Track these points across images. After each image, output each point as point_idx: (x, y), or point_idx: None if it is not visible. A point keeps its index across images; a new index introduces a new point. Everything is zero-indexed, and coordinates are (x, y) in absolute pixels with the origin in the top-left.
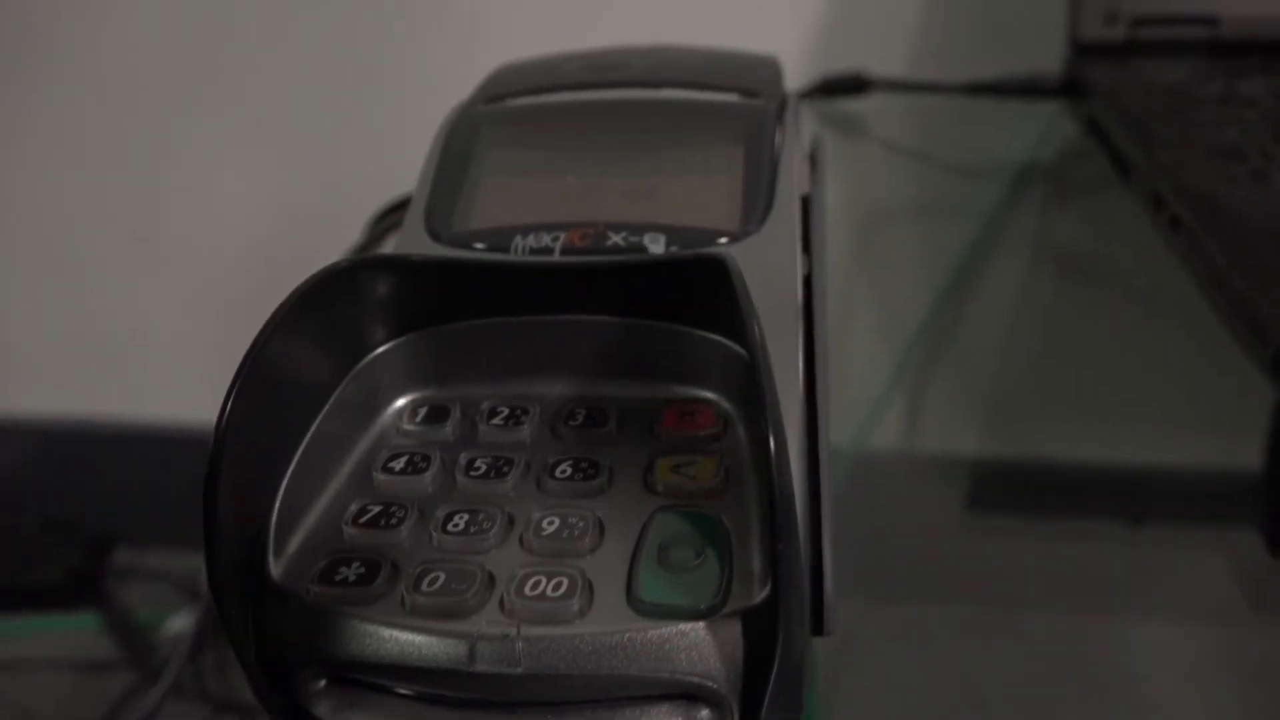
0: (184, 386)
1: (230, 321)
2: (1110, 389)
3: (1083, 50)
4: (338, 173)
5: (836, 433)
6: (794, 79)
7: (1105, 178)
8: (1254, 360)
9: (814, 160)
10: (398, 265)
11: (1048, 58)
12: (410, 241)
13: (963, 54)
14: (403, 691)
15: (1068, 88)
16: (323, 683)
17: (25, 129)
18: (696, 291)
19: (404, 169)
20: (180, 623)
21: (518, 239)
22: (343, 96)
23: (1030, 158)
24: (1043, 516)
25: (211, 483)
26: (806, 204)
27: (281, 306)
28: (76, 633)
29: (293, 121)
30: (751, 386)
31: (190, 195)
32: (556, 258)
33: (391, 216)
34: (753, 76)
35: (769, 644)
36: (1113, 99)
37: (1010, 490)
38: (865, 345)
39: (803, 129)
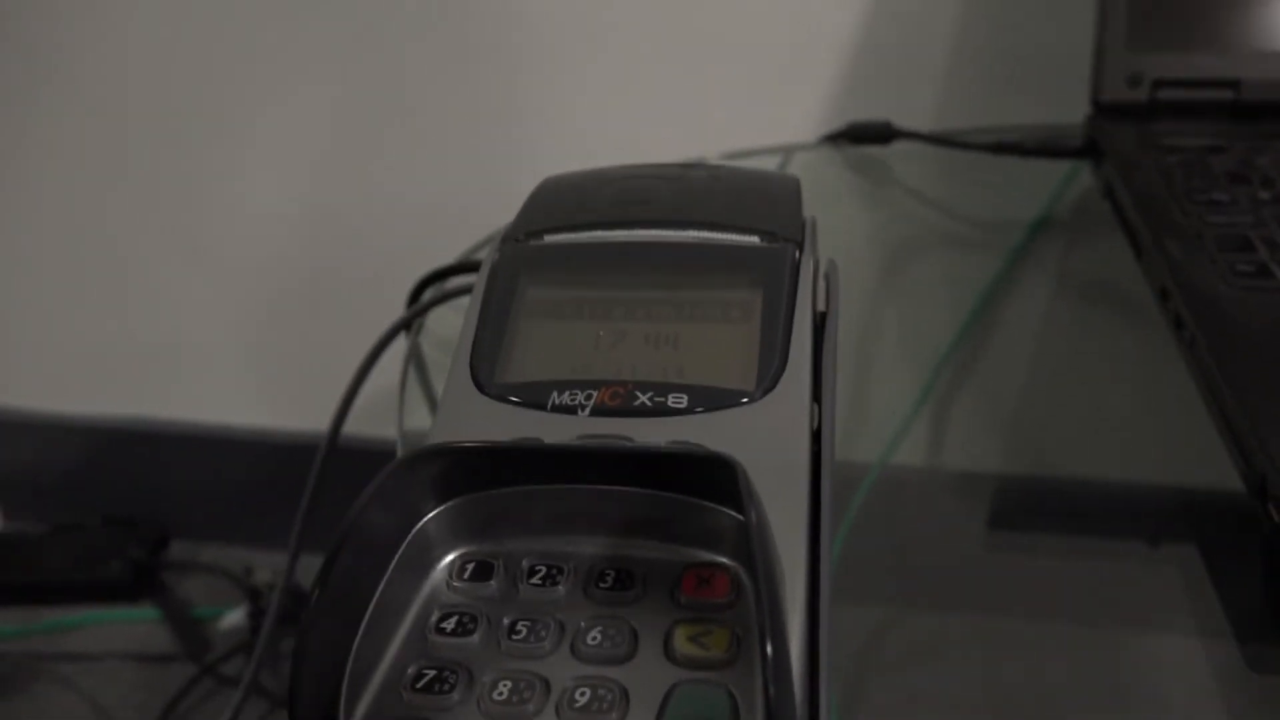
0: (232, 392)
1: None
2: (1129, 412)
3: (1104, 111)
4: (372, 190)
5: (864, 451)
6: (824, 124)
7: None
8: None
9: (828, 291)
10: (453, 452)
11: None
12: (457, 389)
13: (989, 103)
14: None
15: (1089, 149)
16: None
17: (78, 147)
18: (711, 475)
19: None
20: (235, 618)
21: (553, 394)
22: (377, 117)
23: (1050, 210)
24: (1062, 534)
25: (299, 660)
26: (821, 326)
27: (371, 488)
28: (137, 624)
29: (331, 141)
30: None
31: (237, 210)
32: (586, 440)
33: (427, 290)
34: (772, 212)
35: None
36: (1128, 171)
37: (1031, 508)
38: (892, 368)
39: (818, 253)
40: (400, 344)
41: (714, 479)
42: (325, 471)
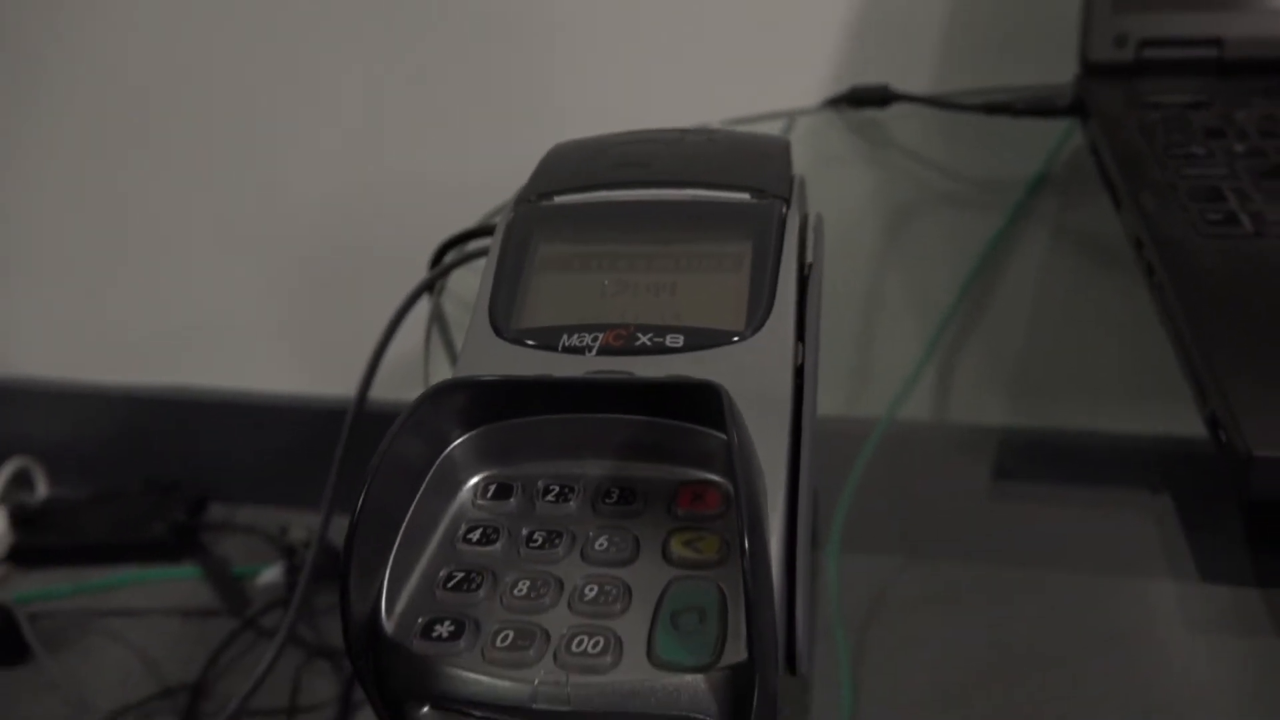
0: (267, 361)
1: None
2: (1131, 364)
3: (1092, 70)
4: (398, 166)
5: (871, 407)
6: (825, 89)
7: None
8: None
9: (814, 242)
10: (474, 385)
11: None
12: (477, 335)
13: (985, 68)
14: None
15: (1077, 107)
16: (425, 709)
17: (120, 130)
18: (702, 402)
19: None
20: (271, 574)
21: (563, 337)
22: (401, 97)
23: (1047, 167)
24: (1064, 484)
25: (346, 562)
26: (807, 275)
27: (399, 421)
28: (179, 582)
29: (363, 125)
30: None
31: (269, 189)
32: (591, 375)
33: (449, 253)
34: (763, 171)
35: (750, 689)
36: (1110, 128)
37: (1034, 459)
38: (897, 325)
39: (808, 208)
40: (424, 311)
41: (703, 405)
42: (355, 432)
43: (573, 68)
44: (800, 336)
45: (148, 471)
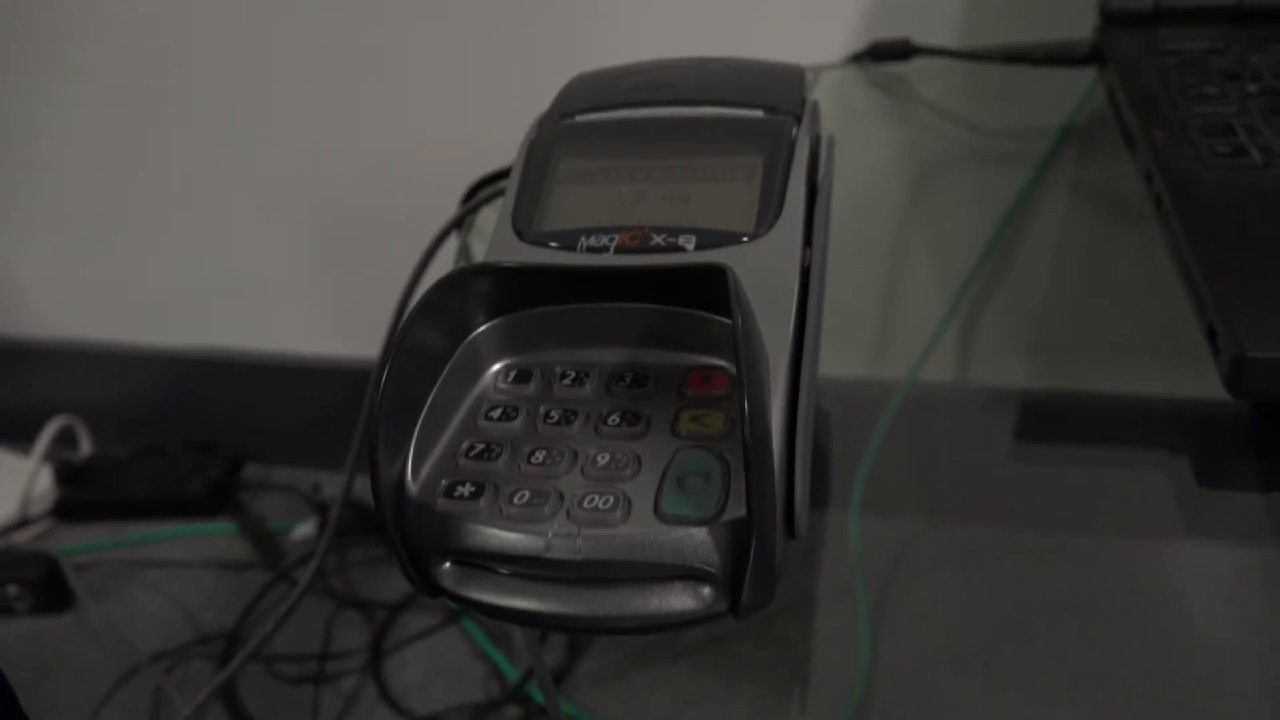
0: (301, 322)
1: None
2: (1153, 325)
3: (1111, 19)
4: (432, 136)
5: (893, 368)
6: (846, 45)
7: None
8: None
9: (825, 159)
10: (495, 270)
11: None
12: (501, 238)
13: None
14: (501, 571)
15: (1095, 56)
16: (447, 564)
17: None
18: (710, 287)
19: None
20: (305, 529)
21: (582, 239)
22: (437, 69)
23: (1067, 121)
24: (1085, 446)
25: (372, 428)
26: (815, 194)
27: (418, 303)
28: (217, 537)
29: (395, 90)
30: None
31: (302, 152)
32: (606, 262)
33: (480, 192)
34: (777, 92)
35: (749, 543)
36: (1127, 72)
37: (1055, 421)
38: (919, 286)
39: (820, 129)
40: (453, 250)
41: (712, 290)
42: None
43: (597, 31)
44: (808, 242)
45: (186, 430)
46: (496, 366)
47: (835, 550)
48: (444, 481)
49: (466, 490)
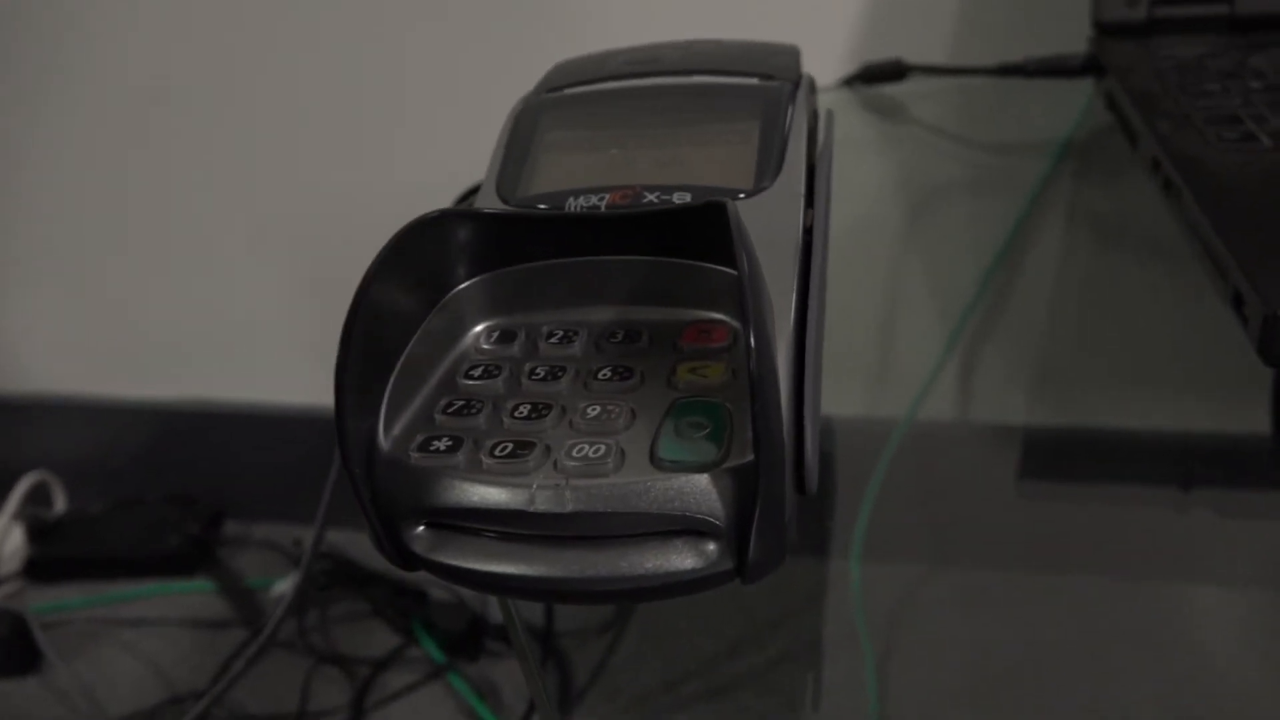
0: (284, 373)
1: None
2: (1157, 358)
3: (1105, 30)
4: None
5: (892, 406)
6: (838, 68)
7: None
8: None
9: (824, 130)
10: (473, 216)
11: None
12: (484, 205)
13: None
14: (482, 533)
15: (1091, 66)
16: (420, 528)
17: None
18: (709, 233)
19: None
20: (284, 586)
21: (570, 200)
22: (431, 104)
23: (1066, 135)
24: (1093, 482)
25: (340, 381)
26: (814, 168)
27: (383, 248)
28: (193, 595)
29: (393, 126)
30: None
31: (294, 196)
32: (589, 210)
33: (471, 198)
34: (773, 63)
35: (755, 493)
36: (1127, 76)
37: (1059, 458)
38: (918, 320)
39: (817, 105)
40: None
41: (710, 234)
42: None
43: (585, 34)
44: (809, 203)
45: (164, 484)
46: (479, 328)
47: (838, 595)
48: (419, 437)
49: (443, 444)
